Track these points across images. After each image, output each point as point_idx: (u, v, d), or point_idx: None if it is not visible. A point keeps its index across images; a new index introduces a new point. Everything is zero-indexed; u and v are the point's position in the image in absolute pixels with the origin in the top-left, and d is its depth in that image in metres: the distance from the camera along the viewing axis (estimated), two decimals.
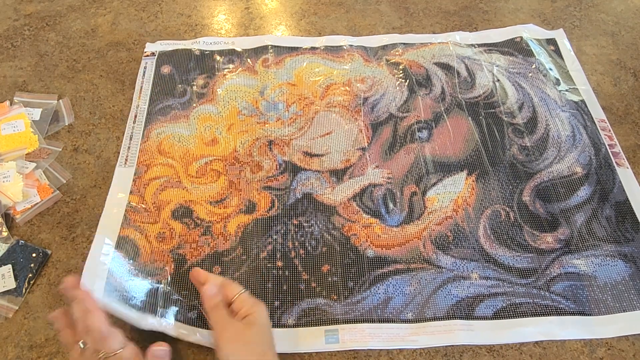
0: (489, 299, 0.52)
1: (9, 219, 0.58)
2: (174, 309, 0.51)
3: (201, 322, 0.51)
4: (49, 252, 0.56)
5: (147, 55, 0.73)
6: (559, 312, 0.51)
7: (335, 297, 0.52)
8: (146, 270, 0.54)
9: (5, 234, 0.56)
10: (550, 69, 0.71)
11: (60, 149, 0.64)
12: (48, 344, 0.50)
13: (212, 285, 0.47)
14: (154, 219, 0.58)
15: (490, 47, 0.74)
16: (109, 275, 0.50)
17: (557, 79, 0.70)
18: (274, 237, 0.56)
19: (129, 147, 0.64)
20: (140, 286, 0.51)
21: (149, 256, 0.55)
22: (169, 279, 0.53)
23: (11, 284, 0.53)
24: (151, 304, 0.50)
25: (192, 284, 0.53)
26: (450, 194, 0.60)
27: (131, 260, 0.54)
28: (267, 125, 0.66)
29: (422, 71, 0.71)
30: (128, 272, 0.52)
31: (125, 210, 0.58)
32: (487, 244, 0.56)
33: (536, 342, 0.50)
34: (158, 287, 0.52)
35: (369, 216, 0.58)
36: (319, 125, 0.66)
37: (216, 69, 0.72)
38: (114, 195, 0.59)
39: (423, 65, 0.72)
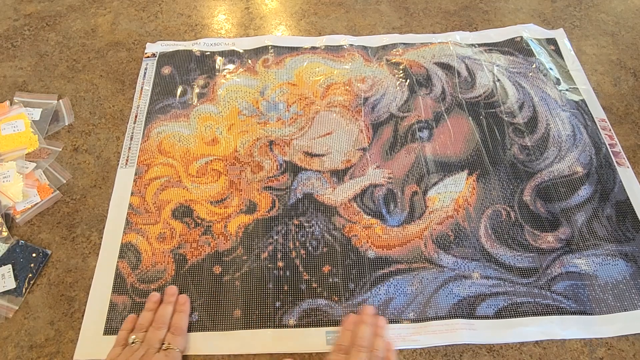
0: (491, 299, 0.52)
1: (9, 219, 0.58)
2: None
3: (201, 324, 0.51)
4: (49, 252, 0.56)
5: (148, 57, 0.73)
6: (560, 311, 0.51)
7: (336, 299, 0.52)
8: (148, 277, 0.54)
9: (5, 234, 0.56)
10: (551, 69, 0.71)
11: (60, 149, 0.64)
12: (48, 344, 0.50)
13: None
14: (154, 220, 0.58)
15: (490, 47, 0.74)
16: None
17: (558, 79, 0.70)
18: (275, 237, 0.56)
19: (129, 148, 0.64)
20: None
21: (151, 259, 0.55)
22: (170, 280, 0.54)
23: (11, 284, 0.53)
24: None
25: (192, 285, 0.53)
26: (451, 193, 0.60)
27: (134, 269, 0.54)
28: (267, 125, 0.66)
29: (423, 71, 0.71)
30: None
31: (127, 214, 0.58)
32: (488, 244, 0.56)
33: (536, 342, 0.50)
34: None
35: (370, 217, 0.58)
36: (319, 125, 0.66)
37: (217, 69, 0.72)
38: (116, 199, 0.59)
39: (423, 65, 0.72)
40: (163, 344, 0.47)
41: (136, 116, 0.67)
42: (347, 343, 0.46)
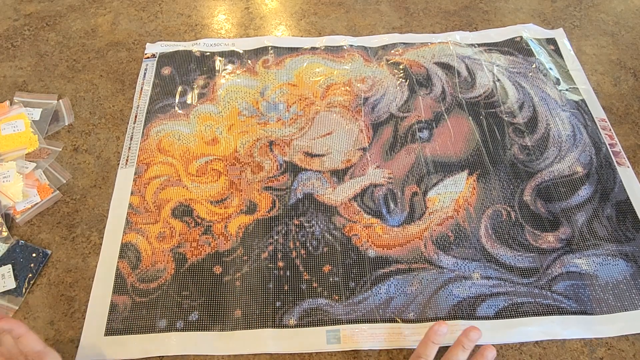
0: (491, 299, 0.52)
1: (9, 219, 0.57)
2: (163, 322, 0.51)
3: (201, 324, 0.51)
4: (49, 252, 0.56)
5: (148, 57, 0.73)
6: (561, 311, 0.51)
7: (336, 298, 0.52)
8: (148, 276, 0.54)
9: (5, 234, 0.56)
10: (551, 69, 0.71)
11: (60, 149, 0.64)
12: (48, 344, 0.50)
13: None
14: (154, 219, 0.58)
15: (490, 47, 0.74)
16: None
17: (557, 79, 0.70)
18: (275, 237, 0.56)
19: (129, 148, 0.64)
20: None
21: (150, 258, 0.55)
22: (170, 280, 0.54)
23: (11, 284, 0.53)
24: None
25: (192, 284, 0.53)
26: (451, 193, 0.60)
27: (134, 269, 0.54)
28: (267, 125, 0.66)
29: (423, 71, 0.71)
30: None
31: (127, 214, 0.58)
32: (489, 244, 0.56)
33: (536, 342, 0.50)
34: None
35: (370, 216, 0.58)
36: (319, 125, 0.66)
37: (216, 70, 0.72)
38: (116, 199, 0.59)
39: (423, 65, 0.72)
40: None
41: (136, 116, 0.67)
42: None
